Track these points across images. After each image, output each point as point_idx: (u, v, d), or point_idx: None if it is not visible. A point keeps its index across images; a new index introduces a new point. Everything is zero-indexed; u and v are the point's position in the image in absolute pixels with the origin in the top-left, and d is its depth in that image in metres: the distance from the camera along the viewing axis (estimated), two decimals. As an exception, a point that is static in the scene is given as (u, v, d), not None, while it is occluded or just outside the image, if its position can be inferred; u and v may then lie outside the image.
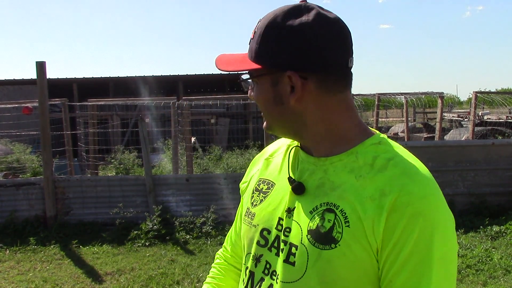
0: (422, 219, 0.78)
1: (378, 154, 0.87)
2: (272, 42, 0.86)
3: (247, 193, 1.07)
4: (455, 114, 16.20)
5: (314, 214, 0.86)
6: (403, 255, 0.78)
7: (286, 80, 0.87)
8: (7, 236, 5.58)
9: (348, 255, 0.81)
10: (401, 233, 0.78)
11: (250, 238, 0.98)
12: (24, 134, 9.05)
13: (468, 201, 6.10)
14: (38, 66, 5.83)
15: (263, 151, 1.13)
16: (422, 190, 0.81)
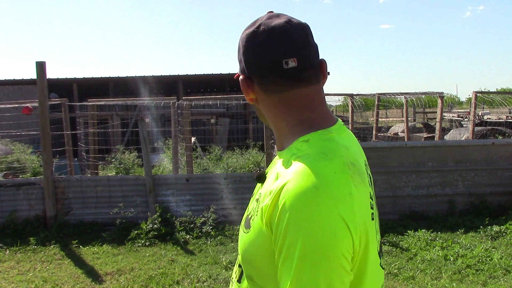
0: (288, 214, 0.82)
1: (295, 152, 0.93)
2: (242, 49, 1.01)
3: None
4: (455, 114, 16.21)
5: (253, 201, 1.02)
6: (278, 246, 0.84)
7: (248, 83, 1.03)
8: (7, 236, 5.58)
9: (254, 239, 0.93)
10: (276, 225, 0.84)
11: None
12: (24, 134, 9.05)
13: (468, 201, 6.10)
14: (38, 66, 5.83)
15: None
16: (298, 187, 0.83)
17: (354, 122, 10.93)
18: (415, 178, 6.11)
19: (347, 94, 10.75)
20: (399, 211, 6.06)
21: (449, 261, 4.51)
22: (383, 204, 6.09)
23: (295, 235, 0.80)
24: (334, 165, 0.86)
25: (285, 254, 0.81)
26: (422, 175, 6.12)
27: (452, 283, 4.04)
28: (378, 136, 10.51)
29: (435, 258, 4.56)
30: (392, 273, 4.28)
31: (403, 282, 4.11)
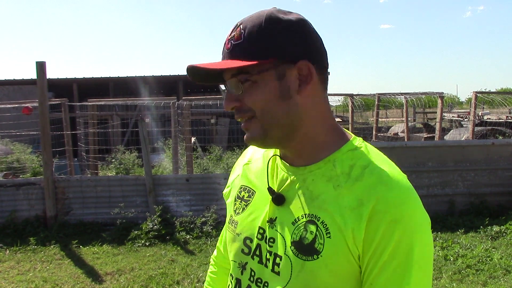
0: (400, 225, 0.81)
1: (354, 162, 0.88)
2: (278, 35, 0.85)
3: (230, 200, 1.07)
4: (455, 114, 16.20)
5: (296, 225, 0.88)
6: (383, 258, 0.81)
7: (294, 72, 0.87)
8: (7, 236, 5.58)
9: (330, 266, 0.84)
10: (381, 239, 0.81)
11: (234, 246, 0.99)
12: (24, 134, 9.05)
13: (468, 201, 6.10)
14: (38, 66, 5.83)
15: (242, 156, 1.13)
16: (398, 196, 0.83)
17: (354, 122, 10.93)
18: (415, 178, 6.11)
19: (347, 94, 10.74)
20: (399, 211, 6.05)
21: (449, 261, 4.51)
22: (383, 204, 6.09)
23: (410, 244, 0.81)
24: (401, 172, 0.90)
25: (396, 265, 0.80)
26: (422, 175, 6.12)
27: (452, 283, 4.04)
28: (378, 136, 10.51)
29: (435, 258, 4.56)
30: (392, 273, 4.28)
31: (403, 282, 4.11)
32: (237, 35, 0.87)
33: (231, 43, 0.87)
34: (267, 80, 0.87)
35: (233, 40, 0.87)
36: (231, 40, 0.88)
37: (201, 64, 0.86)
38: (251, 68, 0.86)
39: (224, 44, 0.90)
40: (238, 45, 0.86)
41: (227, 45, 0.88)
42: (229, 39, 0.88)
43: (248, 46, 0.86)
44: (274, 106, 0.87)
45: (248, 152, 1.11)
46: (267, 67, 0.86)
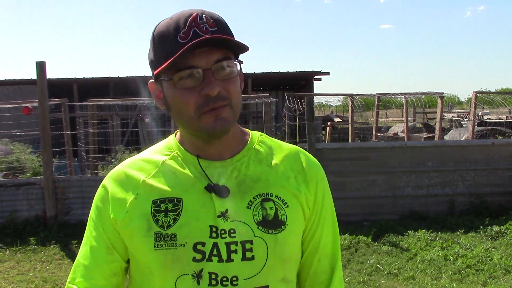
0: (324, 182, 1.06)
1: (269, 144, 1.04)
2: (231, 32, 0.94)
3: (135, 222, 0.95)
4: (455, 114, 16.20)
5: (252, 208, 0.95)
6: (324, 214, 1.04)
7: (240, 67, 0.96)
8: (7, 236, 5.58)
9: (294, 231, 0.97)
10: (320, 196, 1.03)
11: (176, 260, 0.92)
12: (24, 134, 9.05)
13: (468, 201, 6.10)
14: (38, 66, 5.83)
15: (121, 176, 1.01)
16: (315, 160, 1.08)
17: (354, 122, 10.93)
18: (415, 178, 6.11)
19: (347, 94, 10.75)
20: (399, 211, 6.05)
21: (449, 261, 4.51)
22: (383, 204, 6.09)
23: (330, 195, 1.07)
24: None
25: (328, 212, 1.06)
26: (422, 175, 6.12)
27: (452, 283, 4.04)
28: (378, 136, 10.50)
29: (435, 258, 4.56)
30: (392, 273, 4.28)
31: (403, 282, 4.11)
32: (210, 22, 0.89)
33: (208, 29, 0.88)
34: (237, 71, 0.93)
35: (208, 26, 0.89)
36: (203, 25, 0.88)
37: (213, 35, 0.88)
38: (232, 56, 0.92)
39: (188, 28, 0.88)
40: (218, 32, 0.89)
41: (202, 29, 0.88)
42: (199, 24, 0.88)
43: (228, 35, 0.90)
44: (240, 97, 0.95)
45: (129, 170, 1.01)
46: (237, 58, 0.94)
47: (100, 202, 1.02)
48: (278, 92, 18.30)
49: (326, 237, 1.04)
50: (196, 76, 0.89)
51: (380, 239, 5.20)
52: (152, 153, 1.04)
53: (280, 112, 13.72)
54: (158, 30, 0.92)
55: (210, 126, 0.91)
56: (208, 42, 0.87)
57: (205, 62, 0.88)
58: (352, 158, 6.11)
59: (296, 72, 15.16)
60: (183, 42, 0.87)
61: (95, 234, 1.02)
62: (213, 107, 0.90)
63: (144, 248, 0.94)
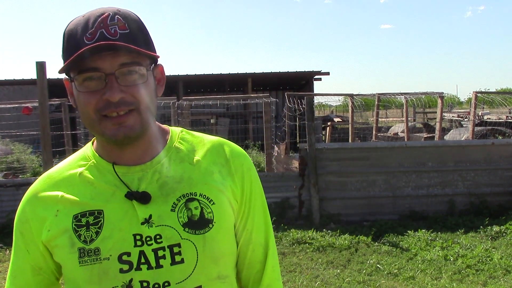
0: (252, 170, 1.03)
1: (191, 140, 1.02)
2: (147, 34, 0.92)
3: (60, 240, 0.92)
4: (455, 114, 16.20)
5: (177, 210, 0.92)
6: (253, 203, 1.02)
7: (157, 72, 0.96)
8: (7, 236, 5.58)
9: (223, 227, 0.96)
10: (247, 186, 1.01)
11: (103, 274, 0.90)
12: (24, 134, 9.06)
13: (468, 201, 6.10)
14: (38, 66, 5.83)
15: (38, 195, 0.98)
16: (239, 149, 1.05)
17: (354, 122, 10.93)
18: (415, 178, 6.11)
19: (347, 94, 10.75)
20: (399, 211, 6.06)
21: (449, 261, 4.51)
22: (383, 204, 6.09)
23: (259, 183, 1.04)
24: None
25: (258, 201, 1.04)
26: (422, 175, 6.12)
27: (452, 283, 4.04)
28: (378, 136, 10.51)
29: (435, 258, 4.56)
30: (392, 273, 4.28)
31: (403, 282, 4.11)
32: (121, 24, 0.86)
33: (117, 31, 0.85)
34: (149, 75, 0.91)
35: (117, 28, 0.86)
36: (113, 27, 0.85)
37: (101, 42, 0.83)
38: (143, 61, 0.89)
39: (95, 29, 0.85)
40: (128, 35, 0.86)
41: (110, 31, 0.85)
42: (109, 25, 0.85)
43: (138, 37, 0.88)
44: (152, 101, 0.92)
45: (40, 188, 0.98)
46: (151, 63, 0.92)
47: (20, 224, 1.00)
48: (278, 92, 18.30)
49: (258, 227, 1.04)
50: (99, 79, 0.86)
51: (380, 239, 5.20)
52: (68, 165, 0.99)
53: (280, 112, 13.72)
54: (68, 27, 0.90)
55: (112, 133, 0.88)
56: (108, 47, 0.84)
57: (109, 65, 0.85)
58: (352, 158, 6.11)
59: (296, 72, 15.16)
60: (87, 43, 0.84)
61: (20, 257, 0.99)
62: (116, 113, 0.87)
63: (70, 264, 0.92)
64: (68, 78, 0.92)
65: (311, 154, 5.92)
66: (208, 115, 13.19)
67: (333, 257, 4.69)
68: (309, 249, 4.91)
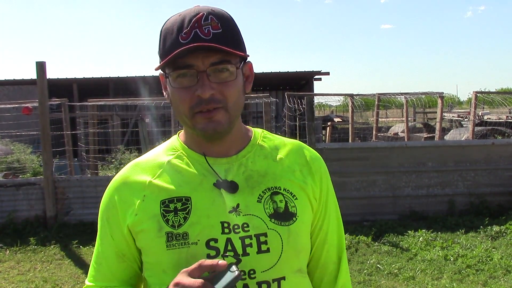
0: (328, 175, 1.08)
1: (272, 140, 1.06)
2: (238, 33, 0.95)
3: (147, 224, 0.95)
4: (455, 114, 16.19)
5: (263, 201, 0.96)
6: (329, 206, 1.07)
7: (246, 69, 0.99)
8: (7, 236, 5.58)
9: (305, 222, 1.00)
10: (325, 188, 1.05)
11: (191, 258, 0.91)
12: (24, 134, 9.05)
13: (468, 201, 6.10)
14: (38, 66, 5.83)
15: (126, 180, 1.02)
16: (316, 153, 1.10)
17: (354, 122, 10.93)
18: (415, 178, 6.11)
19: (347, 94, 10.75)
20: (399, 211, 6.05)
21: (449, 261, 4.50)
22: (383, 204, 6.09)
23: (332, 188, 1.09)
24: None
25: (333, 203, 1.09)
26: (422, 175, 6.12)
27: (452, 283, 4.04)
28: (378, 136, 10.50)
29: (435, 258, 4.56)
30: (392, 273, 4.28)
31: (403, 282, 4.11)
32: (214, 24, 0.90)
33: (210, 31, 0.89)
34: (238, 73, 0.94)
35: (211, 28, 0.90)
36: (206, 27, 0.90)
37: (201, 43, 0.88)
38: (233, 59, 0.92)
39: (190, 29, 0.89)
40: (220, 34, 0.90)
41: (203, 31, 0.89)
42: (202, 25, 0.89)
43: (230, 37, 0.92)
44: (239, 99, 0.96)
45: (134, 173, 1.01)
46: (241, 61, 0.95)
47: (106, 209, 1.02)
48: (278, 92, 18.31)
49: (332, 228, 1.08)
50: (191, 76, 0.91)
51: (380, 239, 5.20)
52: (156, 154, 1.04)
53: (280, 112, 13.72)
54: (165, 25, 0.94)
55: (202, 127, 0.93)
56: (202, 48, 0.88)
57: (201, 63, 0.90)
58: (352, 158, 6.10)
59: (296, 72, 15.16)
60: (182, 43, 0.89)
61: (105, 244, 1.02)
62: (206, 109, 0.91)
63: (157, 248, 0.94)
64: (163, 73, 0.96)
65: (311, 154, 5.92)
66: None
67: (333, 257, 4.69)
68: (309, 249, 4.91)
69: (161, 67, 0.94)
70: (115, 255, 1.00)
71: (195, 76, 0.90)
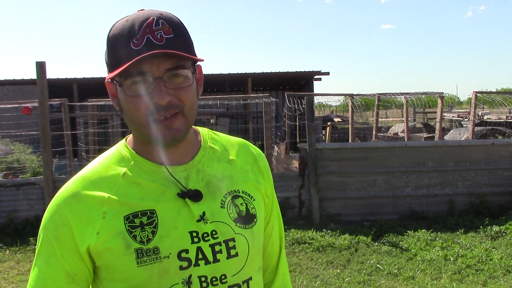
0: (269, 169, 1.11)
1: (220, 141, 1.06)
2: (189, 37, 0.93)
3: (110, 242, 0.90)
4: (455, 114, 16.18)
5: (225, 206, 0.97)
6: (273, 199, 1.11)
7: (197, 73, 0.96)
8: (7, 236, 5.58)
9: (262, 221, 1.04)
10: (271, 183, 1.09)
11: (163, 272, 0.90)
12: (24, 134, 9.05)
13: (468, 201, 6.10)
14: (38, 66, 5.83)
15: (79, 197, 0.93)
16: (259, 150, 1.13)
17: (354, 122, 10.93)
18: (415, 178, 6.11)
19: (347, 94, 10.74)
20: (399, 211, 6.05)
21: (449, 261, 4.51)
22: (383, 204, 6.09)
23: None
24: None
25: (275, 196, 1.13)
26: (422, 175, 6.12)
27: (452, 283, 4.04)
28: (378, 136, 10.50)
29: (435, 258, 4.56)
30: (392, 273, 4.28)
31: (403, 282, 4.11)
32: (165, 29, 0.88)
33: (163, 36, 0.87)
34: (192, 77, 0.92)
35: (163, 33, 0.88)
36: (158, 32, 0.87)
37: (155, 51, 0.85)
38: (187, 64, 0.91)
39: (142, 35, 0.86)
40: (173, 39, 0.88)
41: (156, 37, 0.87)
42: (154, 31, 0.87)
43: (182, 42, 0.90)
44: (195, 103, 0.94)
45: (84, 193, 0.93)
46: (192, 63, 0.93)
47: (54, 227, 0.92)
48: (278, 92, 18.29)
49: (276, 221, 1.14)
50: (146, 83, 0.88)
51: (380, 239, 5.20)
52: (104, 166, 0.97)
53: (280, 112, 13.72)
54: (113, 31, 0.91)
55: (160, 136, 0.90)
56: (159, 55, 0.86)
57: (156, 69, 0.87)
58: (352, 158, 6.11)
59: (296, 72, 15.16)
60: (135, 50, 0.86)
61: (53, 264, 0.92)
62: (164, 116, 0.89)
63: (126, 266, 0.90)
64: (113, 81, 0.92)
65: (311, 154, 5.92)
66: (208, 115, 13.18)
67: (333, 257, 4.69)
68: (309, 249, 4.91)
69: (114, 76, 0.89)
70: (65, 276, 0.92)
71: (151, 83, 0.87)
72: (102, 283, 0.95)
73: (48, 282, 0.92)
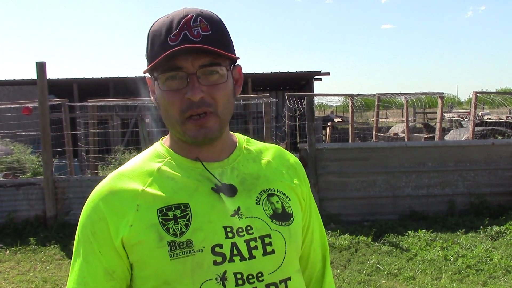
0: (307, 176, 1.12)
1: (255, 144, 1.07)
2: (227, 35, 0.94)
3: (143, 234, 0.89)
4: (455, 114, 16.18)
5: (261, 203, 0.96)
6: (312, 204, 1.10)
7: (236, 72, 0.97)
8: (7, 236, 5.58)
9: (299, 222, 1.02)
10: (308, 188, 1.09)
11: (196, 266, 0.89)
12: (24, 134, 9.06)
13: (468, 201, 6.10)
14: (38, 66, 5.83)
15: (113, 190, 0.94)
16: (296, 157, 1.13)
17: (354, 122, 10.93)
18: (415, 178, 6.11)
19: (347, 94, 10.74)
20: (399, 211, 6.05)
21: (449, 261, 4.50)
22: (383, 204, 6.09)
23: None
24: None
25: (314, 203, 1.12)
26: (422, 175, 6.12)
27: (452, 283, 4.04)
28: (378, 136, 10.50)
29: (435, 258, 4.56)
30: (392, 273, 4.28)
31: (403, 282, 4.11)
32: (203, 26, 0.89)
33: (199, 33, 0.88)
34: (228, 76, 0.92)
35: (200, 29, 0.88)
36: (195, 29, 0.88)
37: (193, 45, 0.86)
38: (223, 62, 0.91)
39: (179, 31, 0.88)
40: (210, 36, 0.89)
41: (193, 33, 0.88)
42: (192, 27, 0.88)
43: (219, 39, 0.90)
44: (229, 102, 0.93)
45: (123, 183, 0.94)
46: (230, 63, 0.94)
47: (91, 223, 0.93)
48: (278, 92, 18.29)
49: (317, 227, 1.12)
50: (181, 79, 0.89)
51: (380, 239, 5.20)
52: (141, 162, 0.98)
53: (280, 112, 13.71)
54: (153, 28, 0.92)
55: (193, 134, 0.91)
56: (192, 50, 0.86)
57: (191, 65, 0.88)
58: (352, 158, 6.10)
59: (296, 72, 15.16)
60: (171, 45, 0.87)
61: (91, 262, 0.92)
62: (196, 113, 0.89)
63: (158, 260, 0.89)
64: (151, 76, 0.94)
65: (311, 154, 5.92)
66: (208, 115, 13.16)
67: (333, 257, 4.69)
68: (309, 249, 4.90)
69: (149, 70, 0.92)
70: (104, 273, 0.91)
71: (185, 78, 0.88)
72: (135, 281, 0.94)
73: (88, 280, 0.91)
